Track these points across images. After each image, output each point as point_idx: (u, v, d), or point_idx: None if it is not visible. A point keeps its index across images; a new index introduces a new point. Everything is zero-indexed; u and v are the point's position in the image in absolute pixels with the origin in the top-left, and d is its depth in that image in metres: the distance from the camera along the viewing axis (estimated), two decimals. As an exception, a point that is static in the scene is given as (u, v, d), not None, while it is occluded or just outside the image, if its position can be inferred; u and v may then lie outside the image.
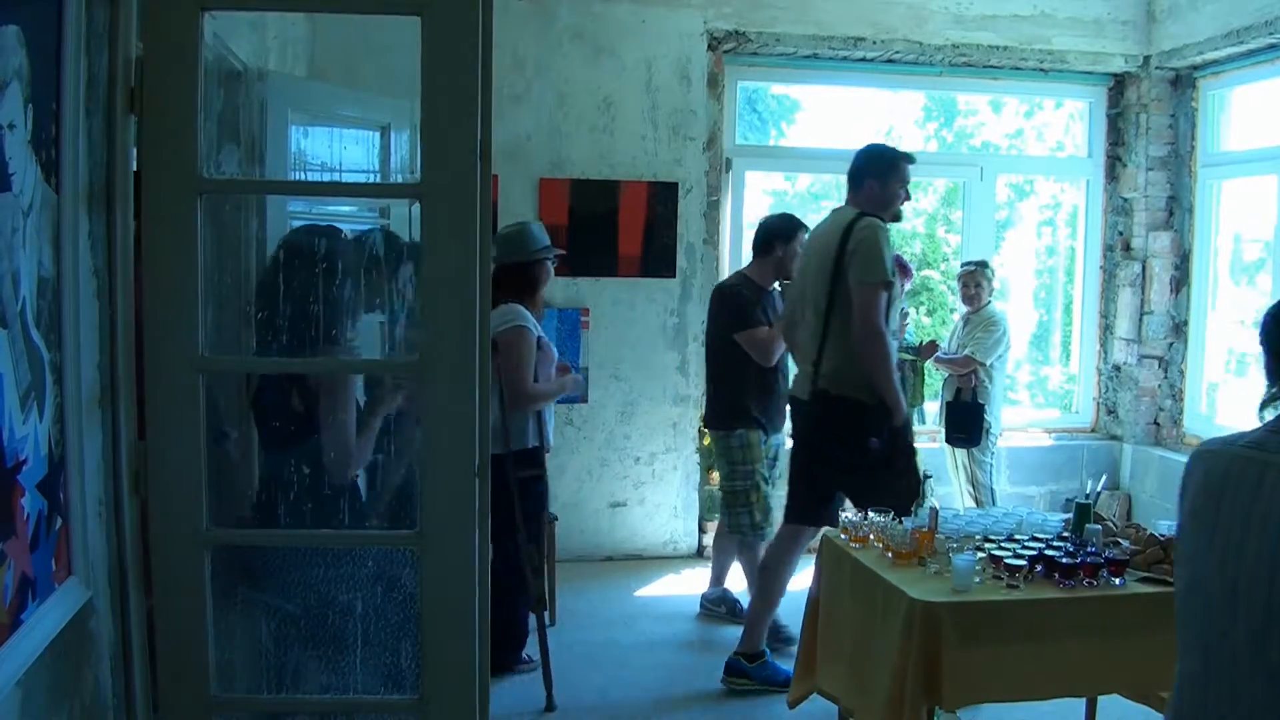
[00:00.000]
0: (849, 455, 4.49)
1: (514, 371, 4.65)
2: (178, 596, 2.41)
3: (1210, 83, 7.05)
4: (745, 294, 5.38)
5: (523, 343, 4.68)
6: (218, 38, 3.77)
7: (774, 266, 5.40)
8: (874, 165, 4.76)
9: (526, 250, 4.88)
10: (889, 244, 4.56)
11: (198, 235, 2.34)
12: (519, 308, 4.76)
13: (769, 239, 5.42)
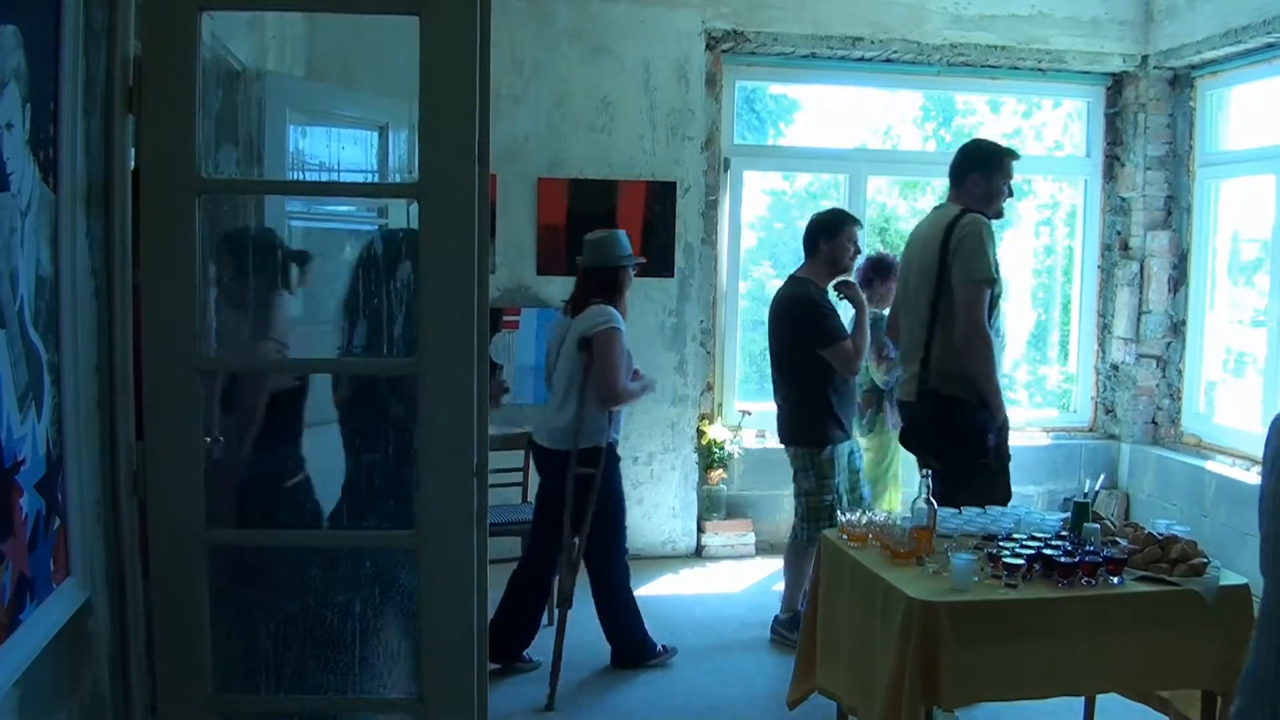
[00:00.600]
0: (958, 454, 4.54)
1: (609, 371, 4.76)
2: (176, 597, 2.40)
3: (1208, 82, 7.06)
4: (821, 304, 5.28)
5: (616, 343, 4.80)
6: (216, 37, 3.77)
7: (825, 263, 5.32)
8: (978, 161, 4.74)
9: (614, 256, 4.97)
10: (993, 241, 4.57)
11: (196, 235, 2.34)
12: (611, 309, 4.86)
13: (814, 236, 5.34)
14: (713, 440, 6.89)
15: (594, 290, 4.91)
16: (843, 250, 5.27)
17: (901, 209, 10.90)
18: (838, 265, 5.31)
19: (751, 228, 7.36)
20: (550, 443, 4.97)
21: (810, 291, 5.29)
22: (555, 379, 5.01)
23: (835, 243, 5.27)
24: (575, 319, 4.89)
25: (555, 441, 4.93)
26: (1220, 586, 3.42)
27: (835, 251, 5.27)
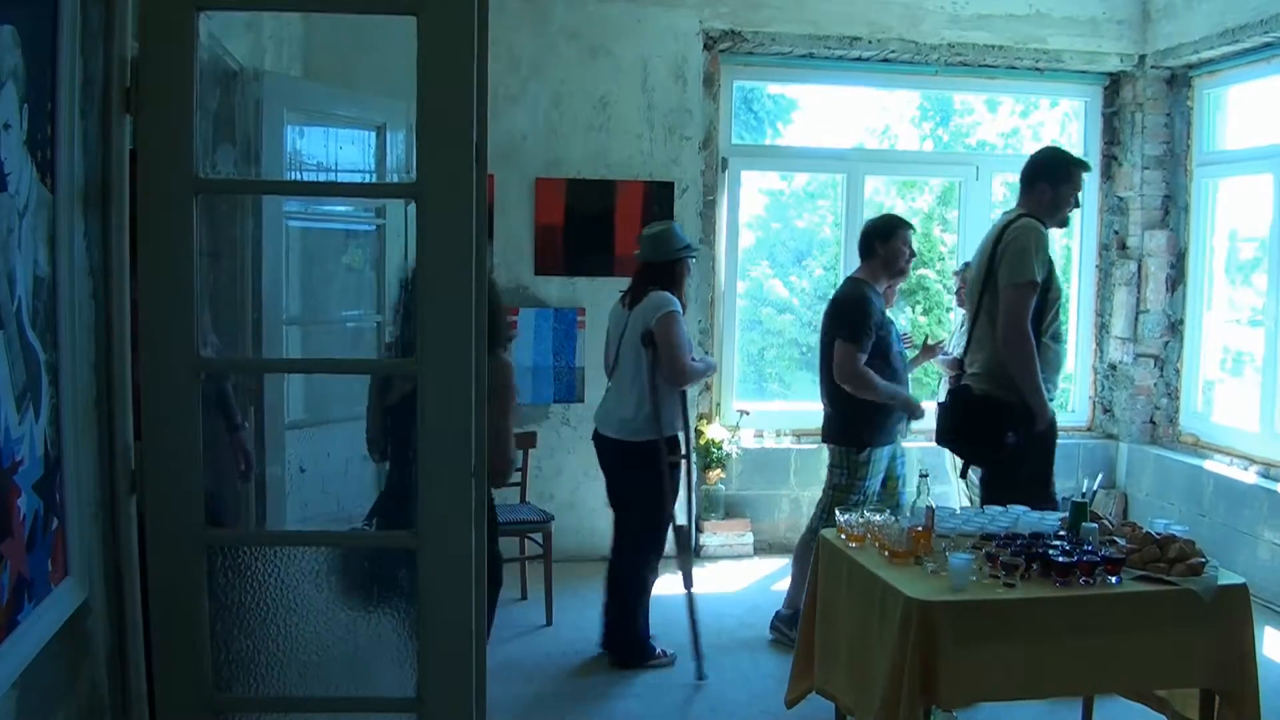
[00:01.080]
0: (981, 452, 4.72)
1: (673, 351, 4.92)
2: (175, 597, 2.40)
3: (1205, 82, 7.06)
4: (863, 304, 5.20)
5: (676, 325, 4.96)
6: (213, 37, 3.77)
7: (881, 266, 5.30)
8: (1048, 169, 4.74)
9: (671, 249, 5.11)
10: (1044, 246, 4.57)
11: (194, 235, 2.34)
12: (668, 294, 5.02)
13: (869, 240, 5.33)
14: (711, 440, 6.89)
15: (652, 283, 5.06)
16: (897, 253, 5.27)
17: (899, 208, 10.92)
18: (893, 267, 5.30)
19: (749, 227, 7.36)
20: (619, 434, 5.09)
21: (858, 291, 5.27)
22: (619, 372, 5.15)
23: (890, 246, 5.27)
24: (634, 311, 5.05)
25: (624, 432, 5.06)
26: (1218, 586, 3.42)
27: (890, 254, 5.27)
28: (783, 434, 7.23)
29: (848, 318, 5.19)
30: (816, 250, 10.48)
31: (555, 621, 5.60)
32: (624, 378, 5.09)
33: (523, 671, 5.03)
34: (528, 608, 5.83)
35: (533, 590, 5.91)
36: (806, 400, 9.23)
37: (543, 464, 6.55)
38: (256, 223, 4.25)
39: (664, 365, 4.94)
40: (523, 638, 5.47)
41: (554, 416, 6.72)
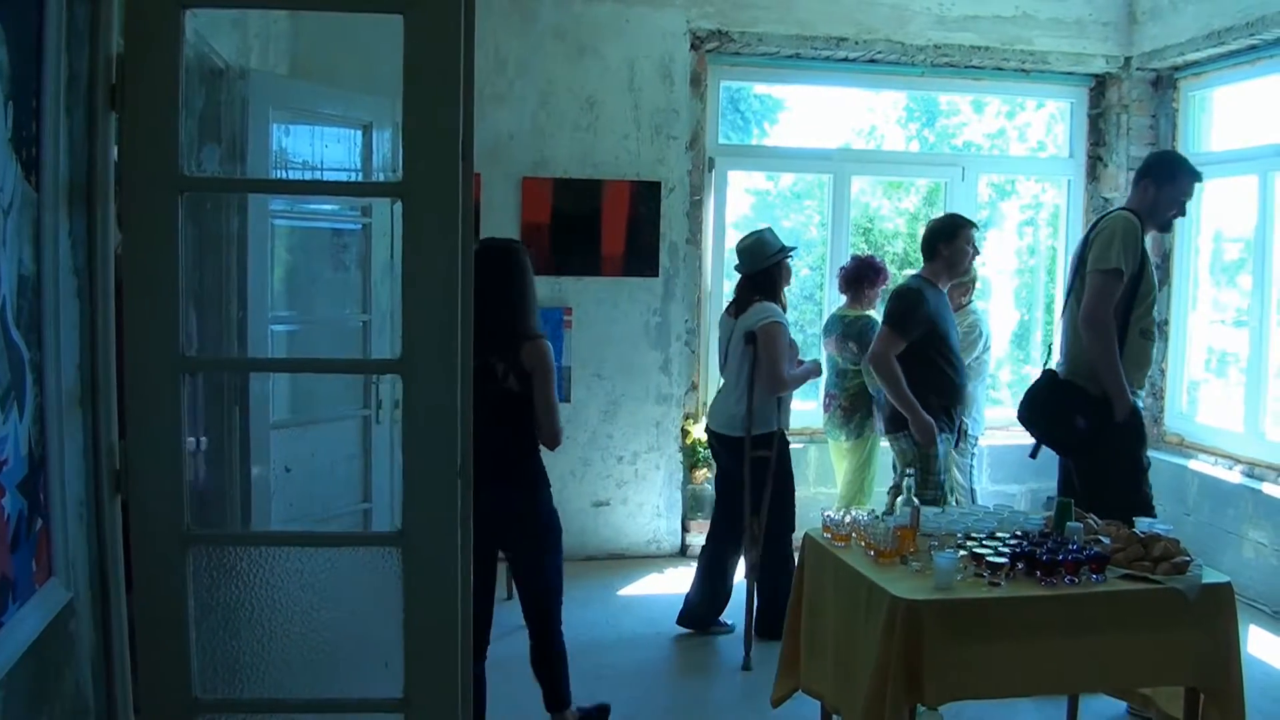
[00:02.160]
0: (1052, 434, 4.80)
1: (773, 360, 5.27)
2: (159, 597, 2.39)
3: (1191, 83, 7.10)
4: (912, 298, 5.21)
5: (780, 335, 5.31)
6: (199, 35, 3.76)
7: (944, 267, 5.31)
8: (1155, 169, 4.77)
9: (764, 257, 5.44)
10: (1133, 239, 4.56)
11: (179, 234, 2.33)
12: (773, 305, 5.39)
13: (932, 241, 5.33)
14: (697, 440, 6.90)
15: (753, 291, 5.43)
16: (961, 253, 5.29)
17: (885, 209, 10.94)
18: (957, 268, 5.35)
19: (736, 228, 7.35)
20: (727, 429, 5.48)
21: (915, 285, 5.28)
22: (727, 372, 5.56)
23: (954, 246, 5.27)
24: (739, 320, 5.43)
25: (731, 428, 5.44)
26: (1203, 584, 3.43)
27: (954, 255, 5.28)
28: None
29: (896, 306, 5.22)
30: (803, 250, 10.48)
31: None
32: (730, 378, 5.50)
33: (505, 672, 5.02)
34: (512, 607, 5.80)
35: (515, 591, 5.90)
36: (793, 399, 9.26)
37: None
38: (242, 221, 4.23)
39: (763, 372, 5.29)
40: (507, 637, 5.44)
41: (540, 416, 6.71)
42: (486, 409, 3.39)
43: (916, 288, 5.24)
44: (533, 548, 4.15)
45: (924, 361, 5.14)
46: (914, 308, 5.14)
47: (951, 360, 5.26)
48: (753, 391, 5.32)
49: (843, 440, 6.18)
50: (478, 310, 3.20)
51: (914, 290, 5.22)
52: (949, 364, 5.24)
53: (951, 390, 5.27)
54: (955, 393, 5.30)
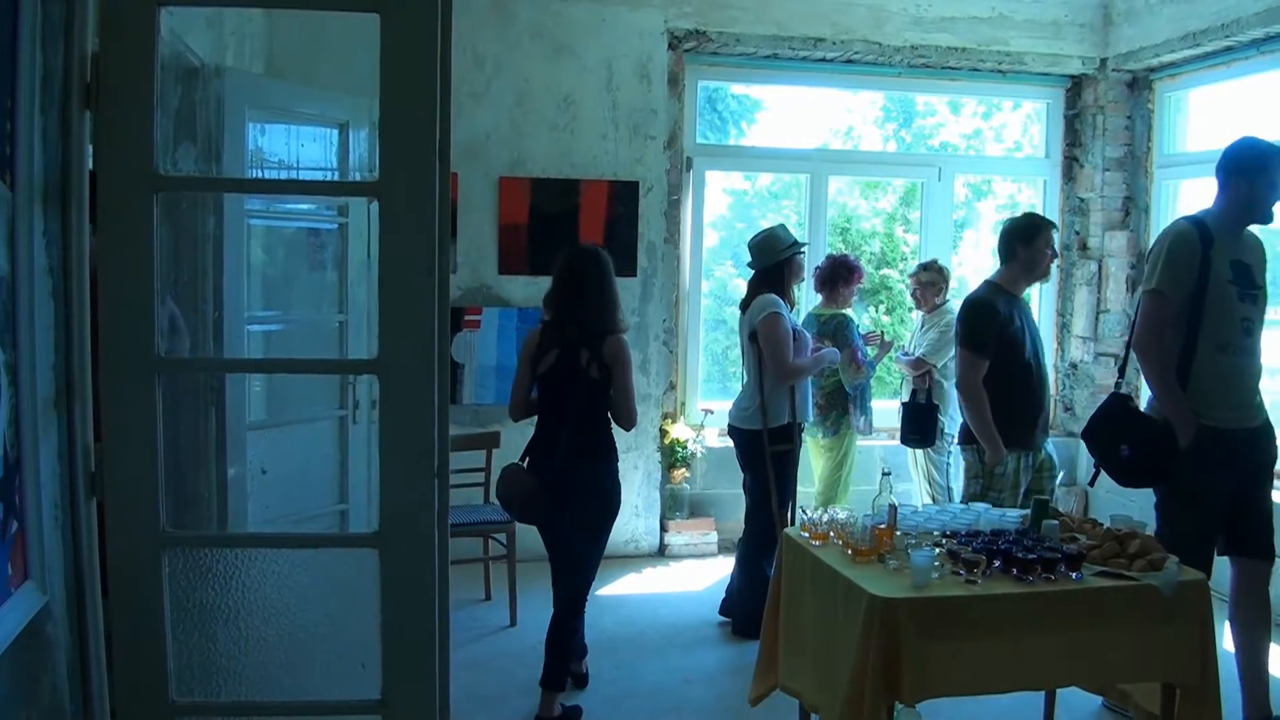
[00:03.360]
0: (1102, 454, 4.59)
1: (775, 350, 5.35)
2: (135, 600, 2.38)
3: (1166, 85, 7.15)
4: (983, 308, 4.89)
5: (777, 325, 5.36)
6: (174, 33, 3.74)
7: (1021, 270, 5.00)
8: (1241, 161, 4.29)
9: (775, 253, 5.52)
10: (1184, 251, 4.20)
11: (154, 233, 2.31)
12: (773, 297, 5.45)
13: (1010, 241, 5.02)
14: (676, 439, 6.91)
15: (761, 287, 5.52)
16: (1040, 256, 4.98)
17: (863, 209, 10.98)
18: (1034, 271, 5.03)
19: (713, 227, 7.37)
20: (736, 421, 5.65)
21: (984, 296, 4.98)
22: (745, 369, 5.71)
23: (1033, 248, 4.96)
24: (745, 314, 5.58)
25: (739, 421, 5.60)
26: (1179, 581, 3.45)
27: (1032, 258, 4.97)
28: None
29: (966, 324, 4.93)
30: (780, 250, 10.49)
31: (519, 621, 5.58)
32: (745, 374, 5.68)
33: (481, 670, 5.02)
34: (491, 608, 5.82)
35: (496, 591, 5.90)
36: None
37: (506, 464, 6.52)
38: (218, 221, 4.21)
39: (767, 363, 5.38)
40: (486, 638, 5.45)
41: (518, 417, 6.70)
42: (571, 393, 4.41)
43: (985, 298, 4.92)
44: (588, 522, 4.54)
45: (999, 377, 4.82)
46: (985, 323, 4.83)
47: (1021, 373, 4.87)
48: (763, 388, 5.40)
49: (820, 438, 6.19)
50: (568, 307, 4.44)
51: (982, 302, 4.92)
52: (1020, 377, 4.87)
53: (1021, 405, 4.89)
54: (1026, 407, 4.92)
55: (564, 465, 4.43)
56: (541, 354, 4.47)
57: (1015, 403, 4.86)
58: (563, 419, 4.44)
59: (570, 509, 4.48)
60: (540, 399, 4.56)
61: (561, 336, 4.45)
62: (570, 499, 4.46)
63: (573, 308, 4.44)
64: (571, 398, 4.42)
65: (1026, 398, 4.90)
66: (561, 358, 4.43)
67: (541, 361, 4.47)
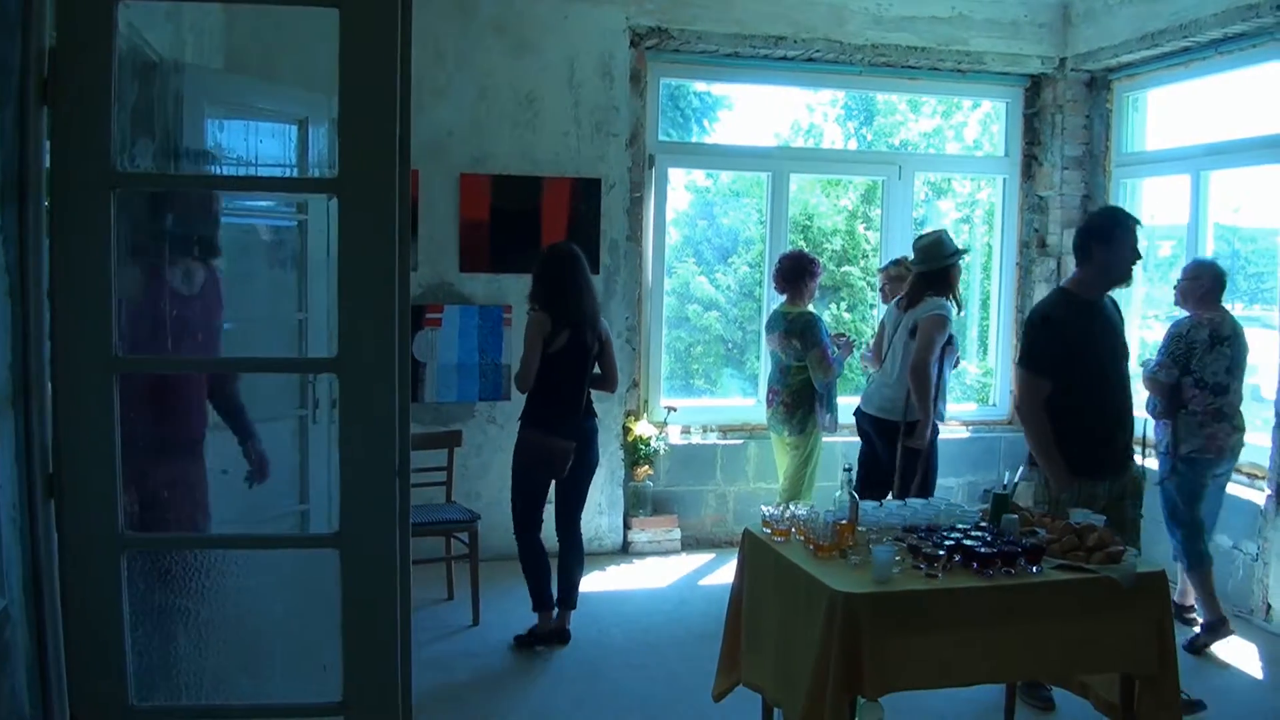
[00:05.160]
0: None
1: (923, 348, 5.53)
2: (94, 603, 2.35)
3: (1125, 84, 7.23)
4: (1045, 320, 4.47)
5: (936, 329, 5.54)
6: (132, 28, 3.69)
7: (1098, 272, 4.45)
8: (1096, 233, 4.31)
9: (943, 257, 5.64)
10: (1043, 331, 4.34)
11: (111, 230, 2.29)
12: (943, 300, 5.64)
13: (1087, 240, 4.46)
14: (639, 437, 6.91)
15: (927, 288, 5.67)
16: (1119, 258, 4.42)
17: (824, 207, 11.02)
18: (1112, 275, 4.46)
19: (675, 225, 7.37)
20: (876, 411, 5.85)
21: (1048, 309, 4.53)
22: (888, 362, 5.85)
23: (1112, 249, 4.40)
24: (907, 312, 5.72)
25: (883, 411, 5.80)
26: (1137, 573, 3.50)
27: (1112, 260, 4.42)
28: (709, 430, 7.27)
29: (1027, 338, 4.55)
30: (742, 248, 10.54)
31: (482, 621, 5.57)
32: (891, 367, 5.77)
33: (448, 671, 5.01)
34: (454, 608, 5.80)
35: (459, 590, 5.88)
36: (732, 397, 9.32)
37: (469, 462, 6.52)
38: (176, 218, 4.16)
39: (910, 355, 5.57)
40: (449, 638, 5.43)
41: (479, 415, 6.68)
42: (579, 367, 5.24)
43: (1048, 312, 4.50)
44: (592, 464, 5.50)
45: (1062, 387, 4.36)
46: (1045, 340, 4.41)
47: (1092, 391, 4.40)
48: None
49: (785, 435, 6.21)
50: (573, 296, 5.18)
51: (1043, 317, 4.50)
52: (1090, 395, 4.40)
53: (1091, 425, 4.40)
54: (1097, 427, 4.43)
55: (574, 426, 5.27)
56: (555, 335, 5.17)
57: (1084, 423, 4.38)
58: (580, 387, 5.28)
59: (586, 456, 5.37)
60: (552, 373, 5.20)
61: (570, 321, 5.18)
62: (586, 449, 5.36)
63: (576, 296, 5.20)
64: (585, 370, 5.27)
65: (1097, 417, 4.42)
66: (572, 338, 5.19)
67: (554, 342, 5.18)
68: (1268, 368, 5.77)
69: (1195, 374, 5.35)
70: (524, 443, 5.33)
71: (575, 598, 5.47)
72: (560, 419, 5.25)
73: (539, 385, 5.20)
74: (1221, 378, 5.31)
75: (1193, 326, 5.39)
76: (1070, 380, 4.34)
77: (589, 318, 5.25)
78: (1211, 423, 5.32)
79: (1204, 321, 5.39)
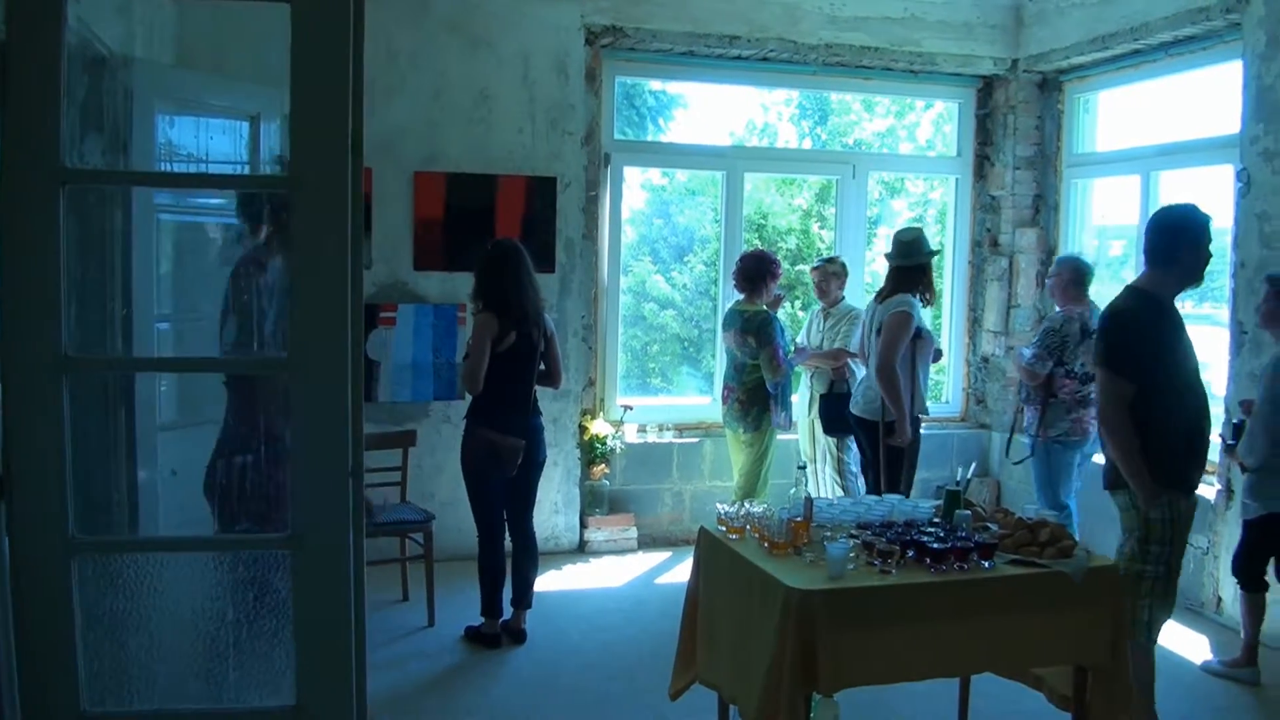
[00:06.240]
0: None
1: (887, 346, 5.58)
2: (44, 607, 2.32)
3: (1076, 86, 7.33)
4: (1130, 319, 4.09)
5: (900, 327, 5.58)
6: (82, 21, 3.64)
7: (1181, 277, 4.14)
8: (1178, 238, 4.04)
9: (921, 254, 5.73)
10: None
11: (60, 228, 2.25)
12: (909, 296, 5.66)
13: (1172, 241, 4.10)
14: (595, 435, 6.90)
15: (900, 283, 5.71)
16: (1204, 260, 4.12)
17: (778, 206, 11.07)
18: (1194, 277, 4.17)
19: (631, 223, 7.37)
20: (858, 410, 5.96)
21: (1129, 305, 4.15)
22: (871, 359, 5.84)
23: (1198, 252, 4.09)
24: (879, 305, 5.77)
25: (859, 409, 5.93)
26: (1088, 567, 3.54)
27: (1199, 261, 4.11)
28: (665, 429, 7.28)
29: (1106, 337, 4.14)
30: (698, 246, 10.57)
31: (437, 622, 5.54)
32: (869, 363, 5.86)
33: (403, 673, 4.98)
34: (409, 609, 5.77)
35: (414, 591, 5.84)
36: (688, 395, 9.33)
37: (423, 462, 6.48)
38: (126, 216, 4.11)
39: (877, 359, 5.63)
40: (404, 639, 5.40)
41: (434, 414, 6.65)
42: (527, 365, 5.23)
43: (1131, 308, 4.13)
44: (541, 460, 5.49)
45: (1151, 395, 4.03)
46: (1130, 338, 4.07)
47: (1178, 396, 4.10)
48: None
49: (740, 433, 6.23)
50: (514, 295, 5.13)
51: (1128, 313, 4.13)
52: (1176, 401, 4.09)
53: (1177, 435, 4.10)
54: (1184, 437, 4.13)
55: (521, 422, 5.26)
56: (503, 335, 5.13)
57: (1170, 433, 4.07)
58: (528, 385, 5.29)
59: (534, 454, 5.37)
60: (500, 372, 5.16)
61: (516, 319, 5.15)
62: (535, 446, 5.36)
63: (519, 293, 5.17)
64: (533, 368, 5.28)
65: (1183, 427, 4.12)
66: (519, 337, 5.16)
67: (503, 341, 5.13)
68: (1218, 365, 5.85)
69: (1067, 365, 5.86)
70: (472, 441, 5.29)
71: (530, 597, 5.46)
72: (508, 417, 5.23)
73: (486, 384, 5.15)
74: (1089, 368, 5.69)
75: (1065, 321, 5.88)
76: (1154, 385, 4.03)
77: (534, 315, 5.24)
78: (1078, 409, 5.86)
79: (1074, 316, 5.88)
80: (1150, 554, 4.04)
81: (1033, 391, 5.98)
